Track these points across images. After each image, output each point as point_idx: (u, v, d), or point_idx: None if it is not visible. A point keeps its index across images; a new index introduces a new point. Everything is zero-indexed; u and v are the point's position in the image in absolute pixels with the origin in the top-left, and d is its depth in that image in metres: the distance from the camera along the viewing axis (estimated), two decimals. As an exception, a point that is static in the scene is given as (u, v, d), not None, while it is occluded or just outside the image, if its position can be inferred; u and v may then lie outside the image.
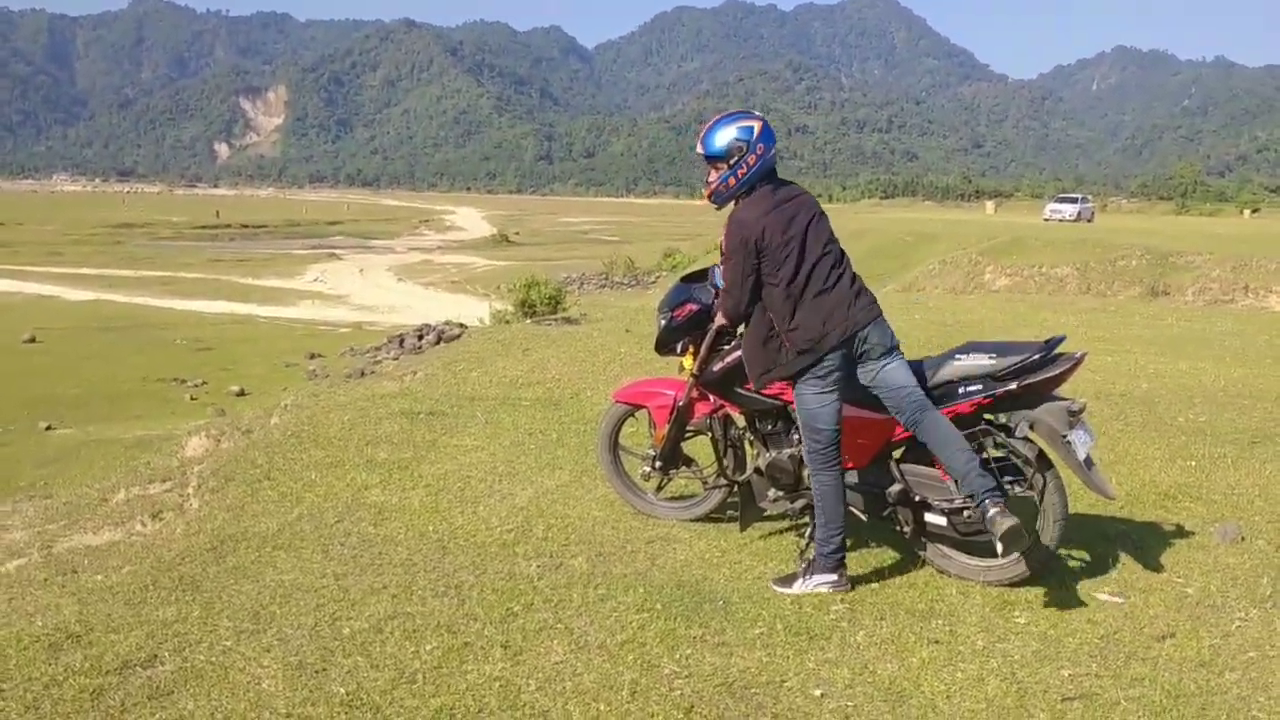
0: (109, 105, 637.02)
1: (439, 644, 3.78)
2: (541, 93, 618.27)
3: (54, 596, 4.35)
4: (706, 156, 4.43)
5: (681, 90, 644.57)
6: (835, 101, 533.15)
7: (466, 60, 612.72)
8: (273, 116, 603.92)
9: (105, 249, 58.38)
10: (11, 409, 15.67)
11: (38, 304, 33.09)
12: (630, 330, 12.45)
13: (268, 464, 6.22)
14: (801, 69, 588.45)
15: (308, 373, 19.23)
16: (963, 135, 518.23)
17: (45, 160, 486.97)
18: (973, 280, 26.68)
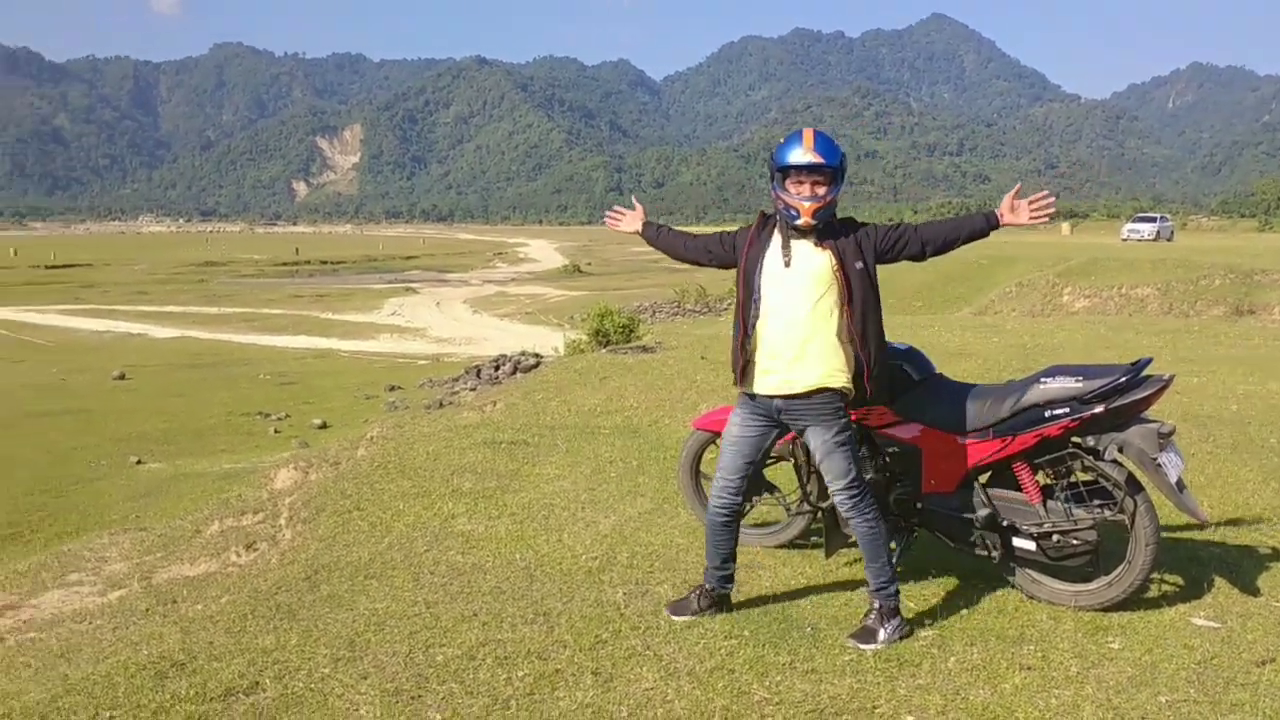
0: (191, 148, 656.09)
1: (530, 671, 3.82)
2: (611, 125, 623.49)
3: (157, 626, 4.48)
4: (825, 166, 4.19)
5: (749, 119, 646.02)
6: (905, 126, 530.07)
7: (537, 95, 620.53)
8: (349, 155, 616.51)
9: (190, 287, 59.95)
10: (103, 444, 16.08)
11: (126, 342, 34.06)
12: (705, 357, 12.46)
13: (357, 495, 6.34)
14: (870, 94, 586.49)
15: (387, 404, 19.50)
16: (1035, 157, 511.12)
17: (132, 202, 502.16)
18: (1050, 302, 26.30)
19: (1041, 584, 4.60)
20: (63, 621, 5.04)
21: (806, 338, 4.17)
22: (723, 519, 4.48)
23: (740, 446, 4.42)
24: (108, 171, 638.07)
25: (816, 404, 4.21)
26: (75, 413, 18.96)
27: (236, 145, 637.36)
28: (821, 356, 4.19)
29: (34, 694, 3.73)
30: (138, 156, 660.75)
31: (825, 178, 4.20)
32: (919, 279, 34.58)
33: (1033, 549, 4.51)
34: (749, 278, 4.32)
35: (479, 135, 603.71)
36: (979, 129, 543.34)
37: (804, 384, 4.20)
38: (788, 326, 4.20)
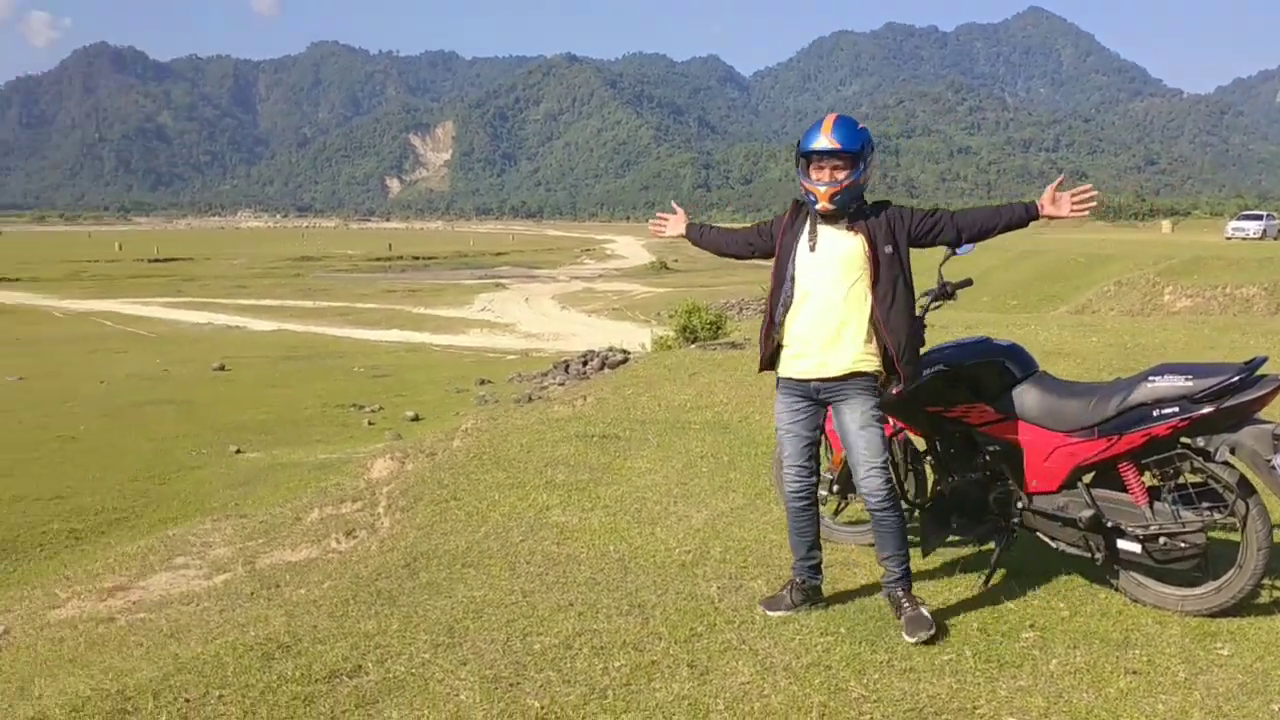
0: (289, 145, 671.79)
1: (626, 661, 3.84)
2: (699, 121, 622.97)
3: (262, 609, 4.60)
4: (843, 151, 4.21)
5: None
6: (999, 121, 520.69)
7: (626, 92, 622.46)
8: (441, 152, 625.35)
9: (286, 281, 61.38)
10: (204, 433, 16.55)
11: (226, 334, 34.99)
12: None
13: (453, 485, 6.43)
14: (964, 89, 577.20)
15: (477, 398, 19.74)
16: (1135, 153, 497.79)
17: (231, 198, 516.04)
18: (1150, 302, 25.61)
19: (1147, 587, 4.47)
20: (171, 603, 5.20)
21: (841, 322, 4.20)
22: (802, 503, 4.46)
23: (796, 431, 4.42)
24: (208, 168, 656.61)
25: (850, 386, 4.23)
26: (177, 402, 19.54)
27: (332, 142, 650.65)
28: (855, 341, 4.21)
29: (147, 672, 3.85)
30: (237, 153, 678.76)
31: (844, 163, 4.22)
32: (1013, 277, 34.00)
33: (1138, 551, 4.39)
34: (782, 265, 4.36)
35: (568, 132, 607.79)
36: (1076, 124, 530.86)
37: (838, 368, 4.22)
38: (820, 312, 4.22)
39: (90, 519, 11.37)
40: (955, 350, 4.82)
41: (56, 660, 4.47)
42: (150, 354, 28.30)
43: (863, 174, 4.25)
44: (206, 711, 3.48)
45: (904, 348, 4.21)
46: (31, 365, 25.21)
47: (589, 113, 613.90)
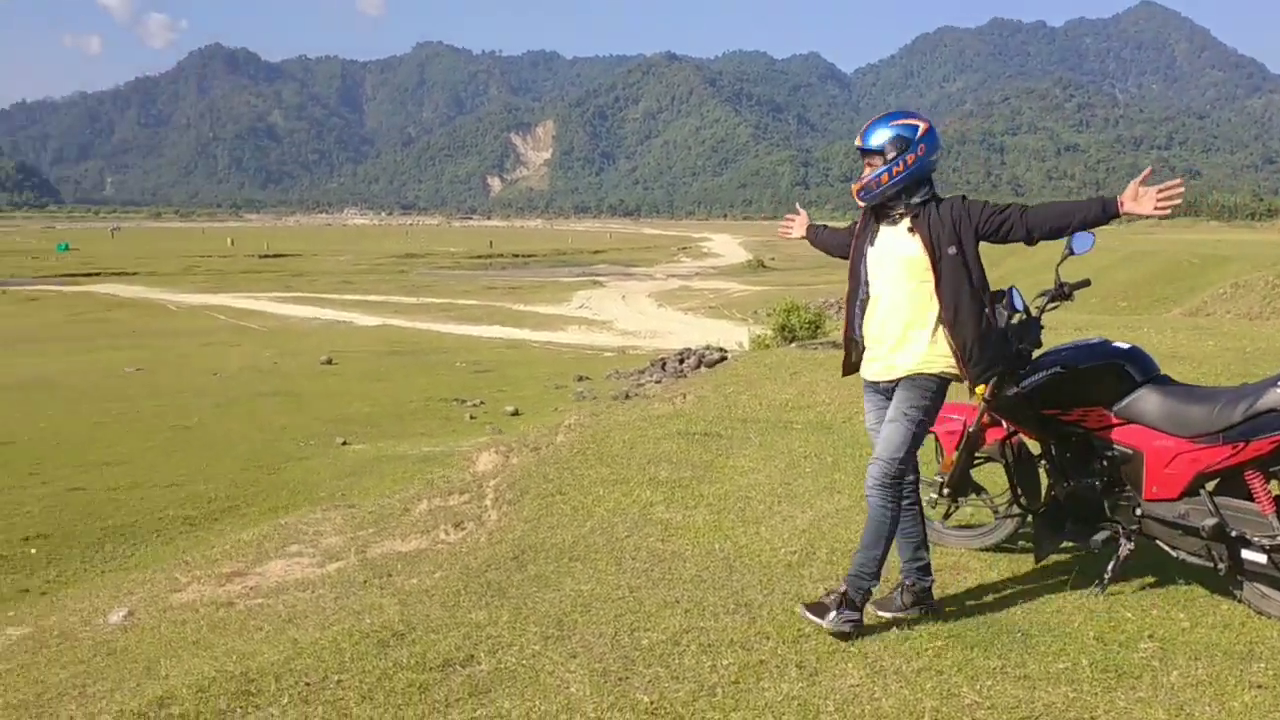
0: (393, 144, 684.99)
1: (734, 660, 3.84)
2: (799, 119, 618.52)
3: (376, 597, 4.71)
4: (862, 150, 4.27)
5: (943, 111, 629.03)
6: (1109, 118, 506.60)
7: (725, 90, 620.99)
8: (541, 151, 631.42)
9: (391, 278, 62.59)
10: (312, 424, 16.93)
11: (333, 328, 35.81)
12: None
13: (558, 479, 6.50)
14: (1072, 86, 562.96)
15: (575, 394, 19.86)
16: (1252, 150, 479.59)
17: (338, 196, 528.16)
18: (1270, 305, 24.67)
19: (1272, 599, 4.32)
20: (287, 589, 5.35)
21: (906, 324, 4.18)
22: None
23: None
24: (316, 166, 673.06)
25: (910, 384, 4.20)
26: (286, 394, 20.04)
27: (435, 141, 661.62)
28: (920, 342, 4.17)
29: (268, 655, 3.98)
30: (344, 152, 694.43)
31: (875, 160, 4.22)
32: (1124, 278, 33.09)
33: (1263, 562, 4.24)
34: (855, 267, 4.38)
35: (667, 131, 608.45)
36: (1190, 121, 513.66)
37: (903, 369, 4.20)
38: (887, 314, 4.23)
39: (204, 506, 11.72)
40: (1073, 352, 4.71)
41: (180, 642, 4.63)
42: (261, 347, 29.09)
43: (889, 171, 4.19)
44: (326, 695, 3.58)
45: (971, 349, 4.14)
46: (149, 357, 26.12)
47: (688, 111, 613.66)
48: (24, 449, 14.68)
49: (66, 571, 9.49)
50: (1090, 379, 4.61)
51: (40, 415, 17.18)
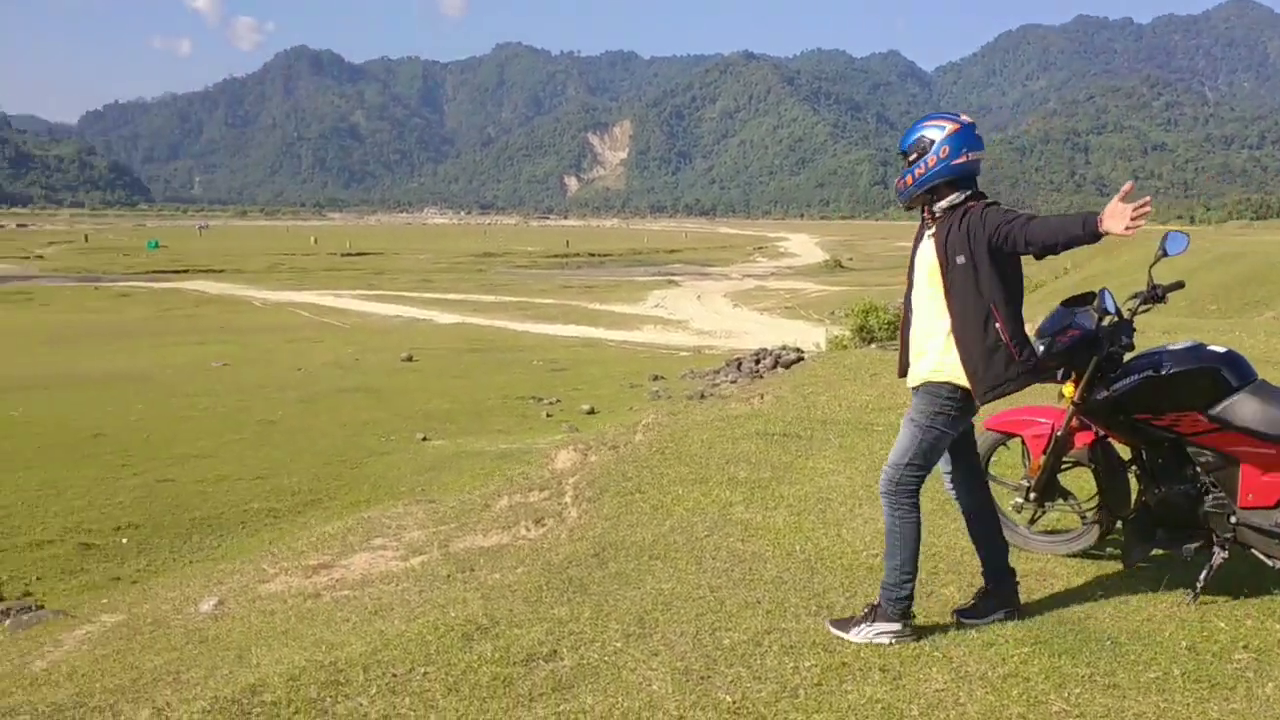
0: (473, 144, 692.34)
1: (817, 662, 3.82)
2: (878, 118, 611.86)
3: (459, 591, 4.77)
4: (901, 152, 4.24)
5: (1026, 110, 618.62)
6: (1198, 117, 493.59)
7: (803, 89, 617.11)
8: (618, 150, 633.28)
9: (469, 276, 63.33)
10: (393, 420, 17.18)
11: (413, 326, 36.33)
12: (982, 358, 12.06)
13: (638, 478, 6.53)
14: (1160, 84, 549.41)
15: (651, 394, 19.89)
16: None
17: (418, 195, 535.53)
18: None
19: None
20: (372, 582, 5.44)
21: (925, 331, 4.17)
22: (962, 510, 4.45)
23: None
24: (397, 166, 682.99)
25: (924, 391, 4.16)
26: (368, 390, 20.36)
27: (514, 141, 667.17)
28: (934, 351, 4.13)
29: (356, 646, 4.05)
30: (424, 152, 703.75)
31: (905, 160, 4.19)
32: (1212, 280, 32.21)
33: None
34: (908, 272, 4.36)
35: (743, 130, 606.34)
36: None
37: (919, 376, 4.19)
38: (915, 319, 4.24)
39: (288, 499, 11.97)
40: (1166, 356, 4.60)
41: (269, 631, 4.74)
42: (343, 344, 29.62)
43: (912, 174, 4.15)
44: (412, 687, 3.64)
45: (975, 364, 4.04)
46: (235, 352, 26.75)
47: (765, 110, 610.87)
48: (115, 441, 15.12)
49: (156, 561, 9.76)
50: (1184, 383, 4.49)
51: (131, 408, 17.67)
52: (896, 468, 4.15)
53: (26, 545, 10.22)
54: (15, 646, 5.73)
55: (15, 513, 11.32)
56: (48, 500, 11.85)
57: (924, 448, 4.13)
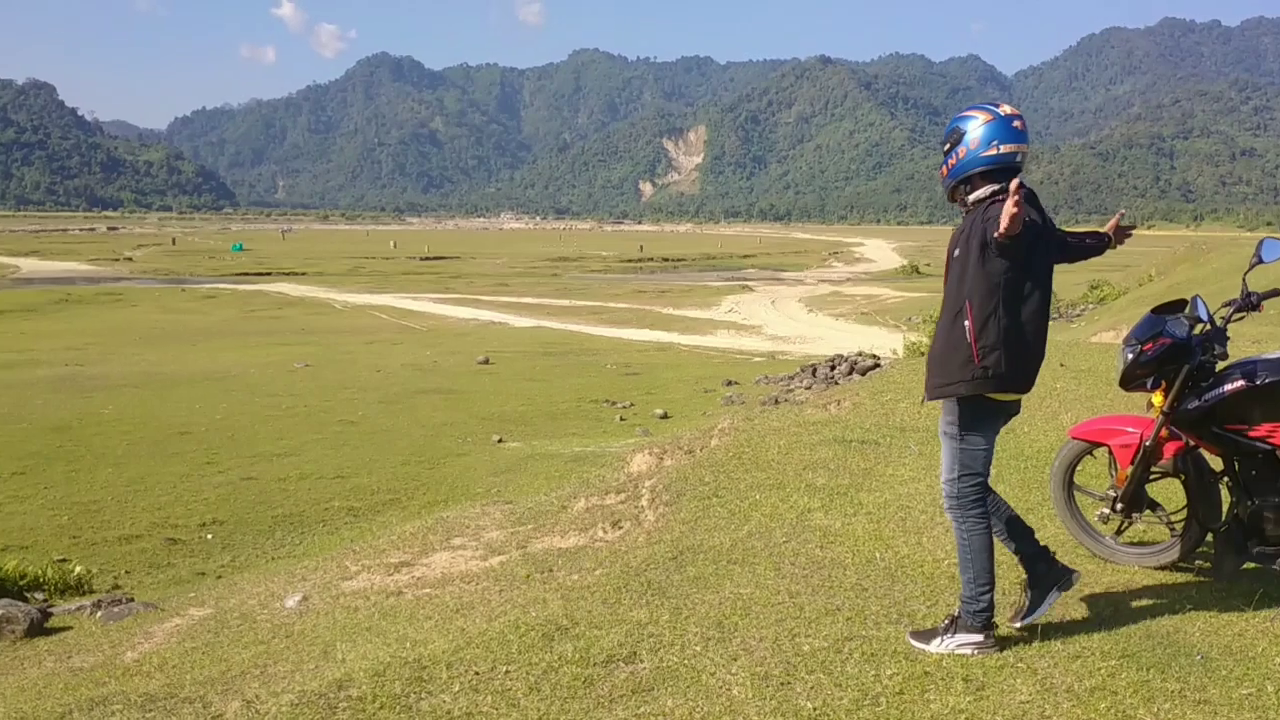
0: (549, 149, 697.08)
1: (898, 670, 3.78)
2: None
3: (538, 591, 4.81)
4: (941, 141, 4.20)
5: (1109, 115, 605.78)
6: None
7: (880, 93, 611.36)
8: (693, 156, 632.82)
9: (544, 280, 63.77)
10: (469, 422, 17.37)
11: (489, 329, 36.68)
12: (1064, 364, 11.83)
13: (714, 482, 6.52)
14: (1249, 88, 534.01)
15: (724, 399, 19.84)
16: None
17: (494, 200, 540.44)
18: None
19: None
20: (452, 581, 5.51)
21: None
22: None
23: None
24: (475, 171, 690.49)
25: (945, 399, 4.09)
26: (445, 392, 20.60)
27: (589, 147, 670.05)
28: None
29: (439, 644, 4.11)
30: (501, 157, 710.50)
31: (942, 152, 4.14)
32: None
33: None
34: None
35: (819, 135, 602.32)
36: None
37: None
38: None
39: (367, 498, 12.16)
40: (1261, 365, 4.48)
41: (353, 627, 4.82)
42: (421, 346, 30.01)
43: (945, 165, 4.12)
44: (495, 685, 3.68)
45: (933, 358, 4.04)
46: (316, 353, 27.24)
47: (841, 115, 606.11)
48: (201, 439, 15.49)
49: (240, 556, 9.98)
50: (1279, 394, 4.38)
51: (216, 407, 18.09)
52: (950, 483, 4.11)
53: (116, 539, 10.52)
54: (107, 637, 5.89)
55: (106, 507, 11.66)
56: (136, 496, 12.19)
57: (966, 457, 4.08)
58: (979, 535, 4.06)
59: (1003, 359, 3.89)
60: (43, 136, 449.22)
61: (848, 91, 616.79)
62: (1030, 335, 3.95)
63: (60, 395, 19.08)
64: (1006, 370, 3.92)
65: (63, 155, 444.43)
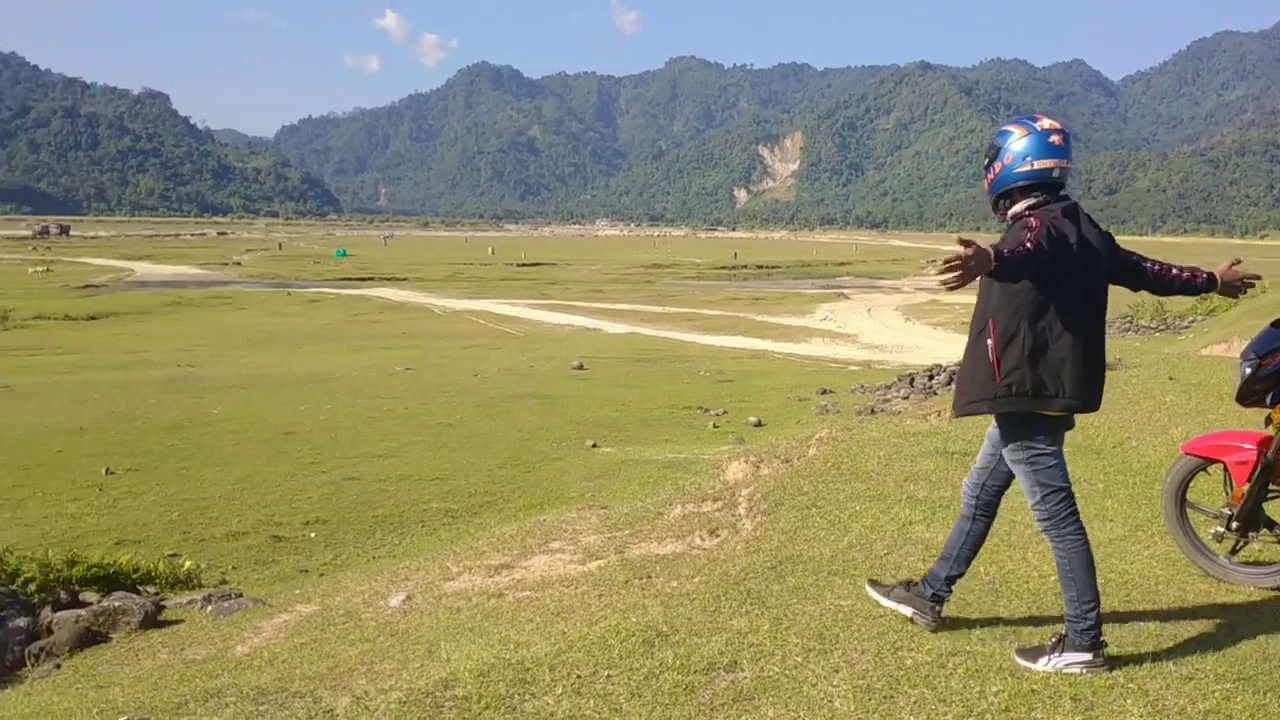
0: (644, 157, 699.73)
1: (1004, 687, 3.72)
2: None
3: (638, 597, 4.84)
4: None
5: (1220, 121, 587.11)
6: None
7: (981, 99, 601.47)
8: (789, 162, 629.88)
9: (638, 287, 64.01)
10: (564, 427, 17.49)
11: (583, 335, 36.94)
12: (1174, 378, 11.50)
13: (813, 492, 6.49)
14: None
15: (819, 408, 19.66)
16: None
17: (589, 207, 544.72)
18: None
19: None
20: (552, 584, 5.57)
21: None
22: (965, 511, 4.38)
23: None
24: (571, 178, 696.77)
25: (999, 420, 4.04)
26: (541, 397, 20.78)
27: (685, 154, 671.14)
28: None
29: (541, 646, 4.16)
30: (597, 165, 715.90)
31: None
32: None
33: None
34: None
35: (918, 141, 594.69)
36: None
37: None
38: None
39: (464, 500, 12.32)
40: None
41: (456, 627, 4.90)
42: (517, 351, 30.35)
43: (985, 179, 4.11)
44: (597, 689, 3.71)
45: (961, 375, 4.01)
46: (416, 357, 27.73)
47: (941, 121, 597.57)
48: (305, 439, 15.86)
49: (342, 555, 10.19)
50: None
51: (320, 408, 18.52)
52: (1038, 507, 4.06)
53: (223, 536, 10.83)
54: (218, 631, 6.07)
55: (214, 505, 12.01)
56: (243, 494, 12.53)
57: (1041, 475, 4.04)
58: (1078, 552, 4.00)
59: (1027, 377, 3.86)
60: (157, 145, 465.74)
61: (948, 97, 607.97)
62: (1066, 353, 3.87)
63: (172, 395, 19.72)
64: (1032, 388, 3.87)
65: (176, 163, 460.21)
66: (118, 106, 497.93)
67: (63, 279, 61.17)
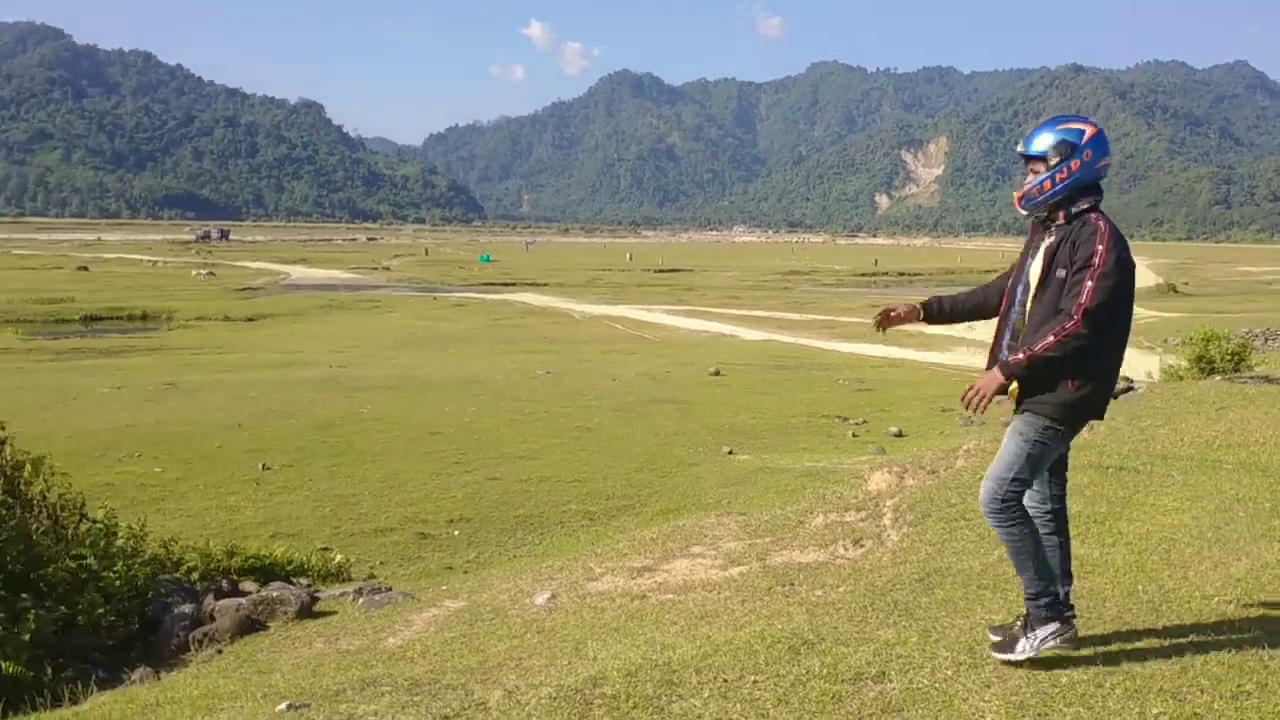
0: (784, 162, 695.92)
1: (1165, 709, 3.58)
2: (1221, 133, 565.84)
3: (781, 605, 4.82)
4: (1026, 156, 4.03)
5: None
6: None
7: (1136, 102, 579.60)
8: (932, 168, 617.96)
9: (775, 293, 63.64)
10: (700, 432, 17.51)
11: (719, 341, 36.89)
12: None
13: (961, 504, 6.36)
14: None
15: (963, 419, 19.20)
16: None
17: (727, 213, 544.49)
18: None
19: None
20: (694, 588, 5.59)
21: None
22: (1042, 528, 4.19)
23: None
24: (709, 185, 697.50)
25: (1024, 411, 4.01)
26: (677, 402, 20.84)
27: (825, 160, 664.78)
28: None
29: (687, 649, 4.19)
30: (736, 171, 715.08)
31: (1038, 166, 3.99)
32: None
33: None
34: (1013, 286, 4.15)
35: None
36: None
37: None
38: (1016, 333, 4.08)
39: (602, 503, 12.47)
40: None
41: (602, 627, 4.97)
42: (654, 357, 30.50)
43: (1051, 178, 3.93)
44: (743, 694, 3.72)
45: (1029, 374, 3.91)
46: (557, 361, 28.14)
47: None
48: (451, 440, 16.27)
49: (484, 553, 10.43)
50: None
51: (465, 410, 18.97)
52: (1001, 482, 4.01)
53: (372, 532, 11.19)
54: (370, 623, 6.28)
55: (363, 501, 12.42)
56: (391, 491, 12.93)
57: (1031, 462, 4.00)
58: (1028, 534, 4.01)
59: (1092, 389, 3.92)
60: (311, 152, 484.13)
61: (1100, 100, 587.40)
62: (1115, 366, 3.97)
63: (324, 394, 20.47)
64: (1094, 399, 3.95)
65: (329, 170, 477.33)
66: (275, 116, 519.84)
67: (223, 282, 64.04)
